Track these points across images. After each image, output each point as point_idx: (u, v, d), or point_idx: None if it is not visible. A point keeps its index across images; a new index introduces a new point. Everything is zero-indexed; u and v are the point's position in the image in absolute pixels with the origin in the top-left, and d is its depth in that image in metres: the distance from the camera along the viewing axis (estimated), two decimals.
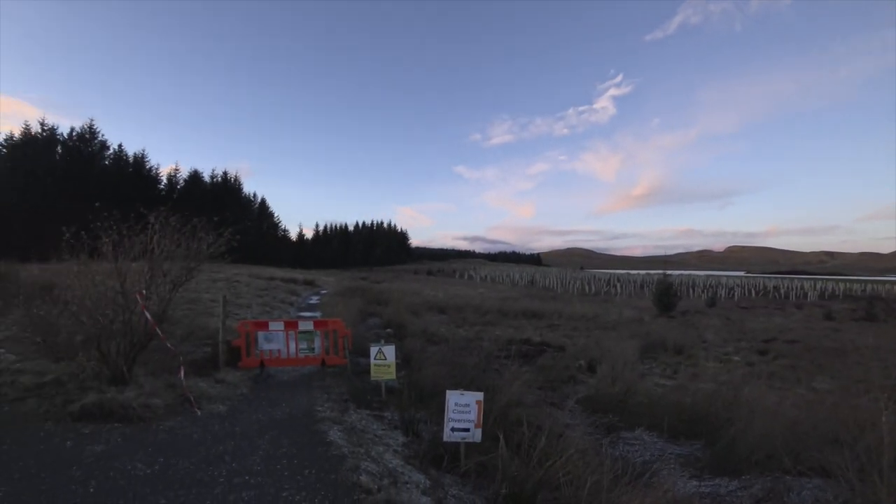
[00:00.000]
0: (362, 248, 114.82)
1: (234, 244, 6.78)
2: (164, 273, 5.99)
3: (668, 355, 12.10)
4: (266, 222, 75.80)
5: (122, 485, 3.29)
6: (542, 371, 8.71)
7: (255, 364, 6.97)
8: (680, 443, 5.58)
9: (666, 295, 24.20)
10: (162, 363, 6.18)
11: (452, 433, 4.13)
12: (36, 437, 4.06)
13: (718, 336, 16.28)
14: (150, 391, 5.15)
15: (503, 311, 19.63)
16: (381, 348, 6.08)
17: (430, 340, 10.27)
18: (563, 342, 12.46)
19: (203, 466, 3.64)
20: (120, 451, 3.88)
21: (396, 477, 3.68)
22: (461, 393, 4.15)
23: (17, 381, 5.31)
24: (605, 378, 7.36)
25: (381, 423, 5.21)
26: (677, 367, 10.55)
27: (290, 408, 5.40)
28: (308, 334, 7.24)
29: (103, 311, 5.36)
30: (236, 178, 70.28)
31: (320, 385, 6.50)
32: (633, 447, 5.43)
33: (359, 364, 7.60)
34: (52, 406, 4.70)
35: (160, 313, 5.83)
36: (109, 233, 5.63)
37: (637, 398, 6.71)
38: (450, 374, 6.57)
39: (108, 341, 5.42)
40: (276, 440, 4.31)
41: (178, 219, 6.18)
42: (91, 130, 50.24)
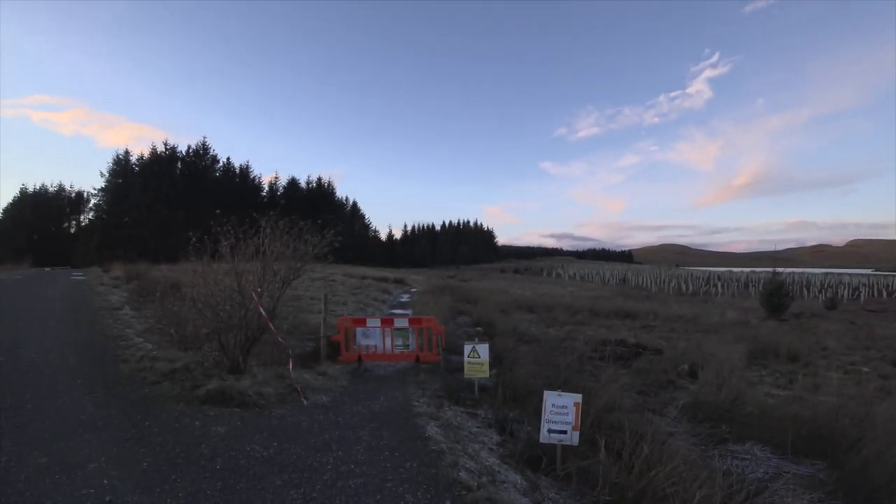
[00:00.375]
0: (449, 247, 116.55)
1: (336, 245, 7.19)
2: (274, 272, 6.50)
3: (781, 362, 11.01)
4: (357, 224, 79.42)
5: (243, 464, 3.61)
6: (639, 374, 8.32)
7: (353, 358, 7.33)
8: (798, 461, 5.07)
9: (776, 295, 21.98)
10: (271, 355, 6.71)
11: (549, 435, 4.08)
12: (171, 416, 4.57)
13: (841, 343, 14.54)
14: (262, 380, 5.60)
15: (594, 310, 18.98)
16: (475, 346, 6.14)
17: (521, 339, 10.19)
18: (659, 344, 11.80)
19: (312, 453, 3.90)
20: (240, 433, 4.26)
21: (494, 475, 3.70)
22: (559, 394, 4.09)
23: (154, 366, 6.01)
24: (709, 384, 6.87)
25: (475, 421, 5.26)
26: (792, 376, 9.58)
27: (387, 401, 5.62)
28: (403, 331, 7.49)
29: (223, 306, 5.92)
30: (329, 183, 74.83)
31: (415, 381, 6.69)
32: (744, 462, 5.02)
33: (450, 361, 7.73)
34: (183, 390, 5.27)
35: (271, 310, 6.32)
36: (227, 236, 6.23)
37: (746, 408, 6.19)
38: (542, 373, 6.49)
39: (226, 334, 5.98)
40: (377, 432, 4.50)
41: (286, 223, 6.68)
42: (204, 147, 56.46)
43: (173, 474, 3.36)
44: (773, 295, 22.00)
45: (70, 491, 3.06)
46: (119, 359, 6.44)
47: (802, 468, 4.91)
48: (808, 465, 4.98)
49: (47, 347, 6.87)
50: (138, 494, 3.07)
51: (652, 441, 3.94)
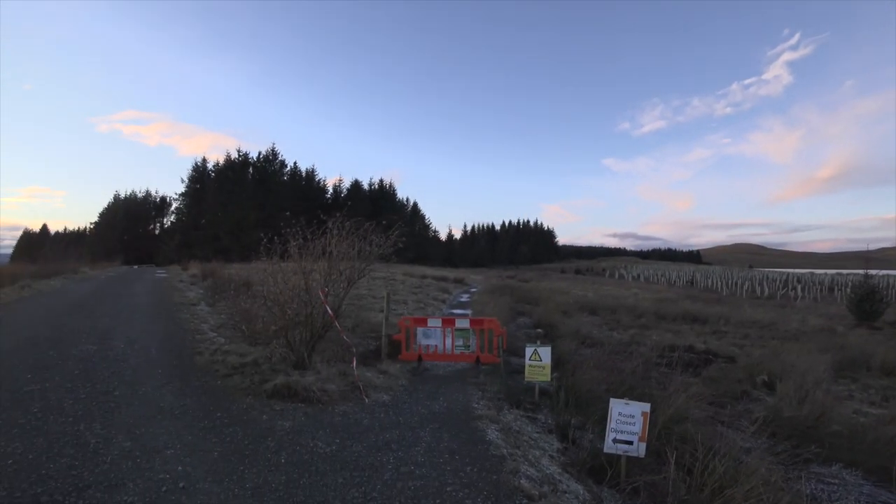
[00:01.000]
0: (509, 246, 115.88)
1: (400, 245, 7.28)
2: (340, 272, 6.66)
3: (874, 377, 10.00)
4: (418, 224, 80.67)
5: (306, 459, 3.70)
6: (710, 384, 7.83)
7: (413, 357, 7.38)
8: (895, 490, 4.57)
9: (868, 300, 19.95)
10: (334, 353, 6.88)
11: (614, 445, 3.89)
12: (240, 408, 4.78)
13: None
14: (325, 377, 5.74)
15: (660, 313, 18.13)
16: (537, 349, 6.00)
17: (583, 342, 9.89)
18: (732, 352, 11.08)
19: (373, 451, 3.94)
20: (303, 428, 4.38)
21: (556, 485, 3.58)
22: (626, 402, 3.89)
23: (226, 360, 6.34)
24: (789, 398, 6.35)
25: (535, 426, 5.13)
26: (887, 392, 8.67)
27: (447, 402, 5.60)
28: (464, 332, 7.46)
29: (290, 304, 6.14)
30: (391, 184, 76.85)
31: (475, 382, 6.64)
32: (830, 487, 4.57)
33: (510, 363, 7.62)
34: (252, 383, 5.50)
35: (336, 308, 6.48)
36: (296, 237, 6.45)
37: (832, 426, 5.65)
38: (606, 379, 6.25)
39: (293, 331, 6.19)
40: (437, 433, 4.48)
41: (352, 224, 6.84)
42: (273, 152, 59.60)
43: (241, 465, 3.50)
44: (865, 300, 20.05)
45: (149, 475, 3.25)
46: (194, 351, 6.85)
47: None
48: None
49: (133, 339, 7.42)
50: (209, 483, 3.21)
51: (726, 457, 3.67)
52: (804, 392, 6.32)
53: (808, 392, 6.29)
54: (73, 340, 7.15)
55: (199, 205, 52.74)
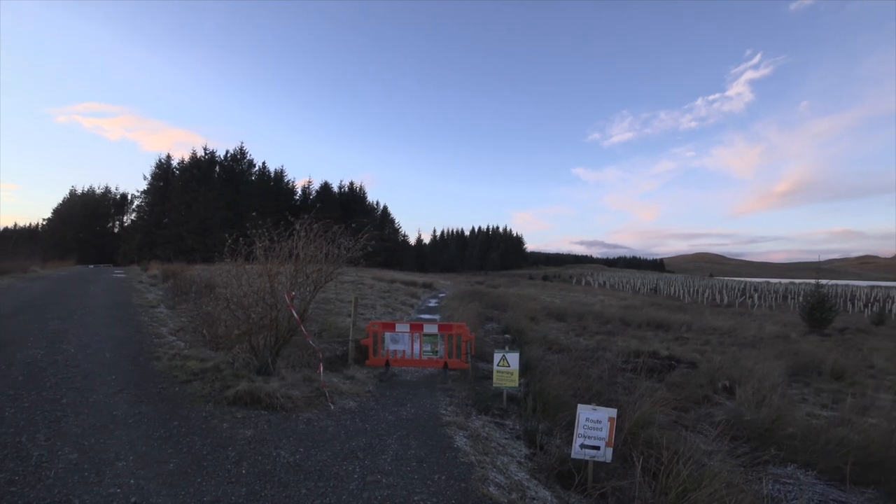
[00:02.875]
0: (478, 252, 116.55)
1: (369, 249, 7.18)
2: (306, 275, 6.51)
3: (825, 381, 10.45)
4: (388, 228, 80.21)
5: (268, 469, 3.57)
6: (673, 389, 8.01)
7: (381, 363, 7.28)
8: (846, 489, 4.75)
9: (818, 308, 20.94)
10: (299, 358, 6.72)
11: (581, 450, 3.91)
12: (199, 416, 4.57)
13: (891, 361, 13.74)
14: (290, 383, 5.59)
15: (625, 320, 18.52)
16: (505, 355, 6.00)
17: (551, 348, 9.98)
18: (694, 357, 11.38)
19: (338, 460, 3.83)
20: (266, 437, 4.23)
21: (524, 491, 3.56)
22: (593, 408, 3.92)
23: (185, 365, 6.09)
24: (748, 402, 6.56)
25: (503, 432, 5.12)
26: (837, 395, 9.06)
27: (415, 409, 5.53)
28: (433, 337, 7.41)
29: (254, 308, 5.96)
30: (361, 187, 76.22)
31: (443, 387, 6.59)
32: (787, 487, 4.73)
33: (479, 369, 7.60)
34: (212, 390, 5.29)
35: (302, 312, 6.33)
36: (262, 239, 6.28)
37: (788, 429, 5.87)
38: (573, 385, 6.31)
39: (257, 335, 6.01)
40: (405, 440, 4.41)
41: (320, 226, 6.70)
42: (241, 151, 58.23)
43: (199, 477, 3.34)
44: (816, 308, 21.02)
45: (98, 490, 3.06)
46: (152, 356, 6.56)
47: (852, 497, 4.61)
48: (857, 494, 4.68)
49: (85, 342, 7.06)
50: (163, 497, 3.05)
51: (690, 461, 3.73)
52: (762, 396, 6.54)
53: (766, 396, 6.51)
54: (19, 344, 6.74)
55: (162, 203, 50.95)
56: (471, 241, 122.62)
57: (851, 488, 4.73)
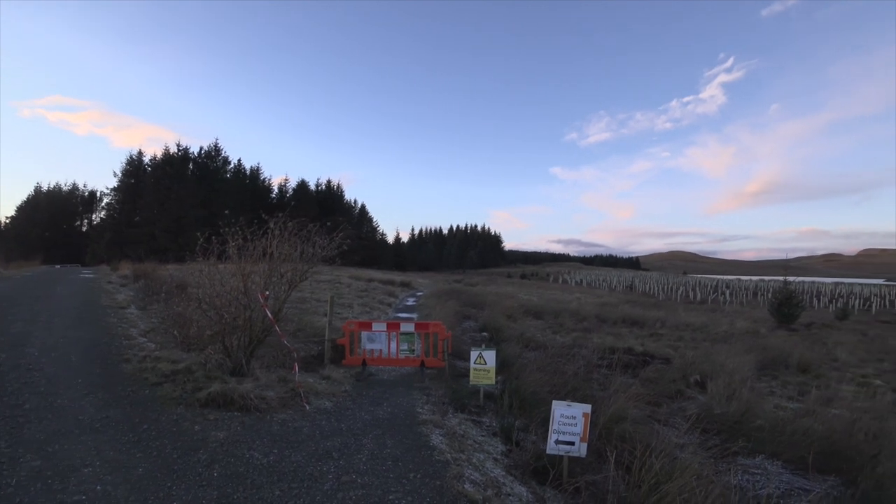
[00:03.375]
0: (456, 251, 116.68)
1: (344, 248, 7.12)
2: (281, 274, 6.42)
3: (791, 374, 10.79)
4: (365, 226, 79.70)
5: (241, 471, 3.51)
6: (647, 384, 8.16)
7: (357, 362, 7.23)
8: (811, 477, 4.92)
9: (786, 304, 21.59)
10: (274, 358, 6.63)
11: (556, 446, 3.95)
12: (170, 419, 4.47)
13: (853, 355, 14.24)
14: (265, 384, 5.50)
15: (601, 317, 18.78)
16: (482, 353, 6.02)
17: (528, 346, 10.06)
18: (667, 353, 11.61)
19: (313, 461, 3.80)
20: (239, 438, 4.16)
21: (500, 488, 3.59)
22: (568, 404, 3.96)
23: (156, 367, 5.94)
24: (719, 396, 6.73)
25: (479, 429, 5.14)
26: (803, 388, 9.36)
27: (391, 408, 5.51)
28: (409, 336, 7.39)
29: (227, 308, 5.85)
30: (339, 185, 75.55)
31: (420, 386, 6.59)
32: (755, 477, 4.87)
33: (456, 367, 7.62)
34: (184, 392, 5.17)
35: (276, 312, 6.24)
36: (235, 237, 6.16)
37: (757, 421, 6.04)
38: (549, 381, 6.37)
39: (230, 336, 5.91)
40: (381, 440, 4.40)
41: (295, 224, 6.61)
42: (216, 148, 57.01)
43: (169, 482, 3.26)
44: (784, 304, 21.65)
45: (62, 497, 2.96)
46: (121, 358, 6.38)
47: (816, 485, 4.76)
48: (821, 482, 4.83)
49: (50, 345, 6.83)
50: (132, 502, 2.97)
51: (662, 455, 3.81)
52: (732, 390, 6.71)
53: (736, 390, 6.68)
54: None
55: (133, 201, 49.51)
56: (449, 240, 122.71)
57: (815, 476, 4.90)
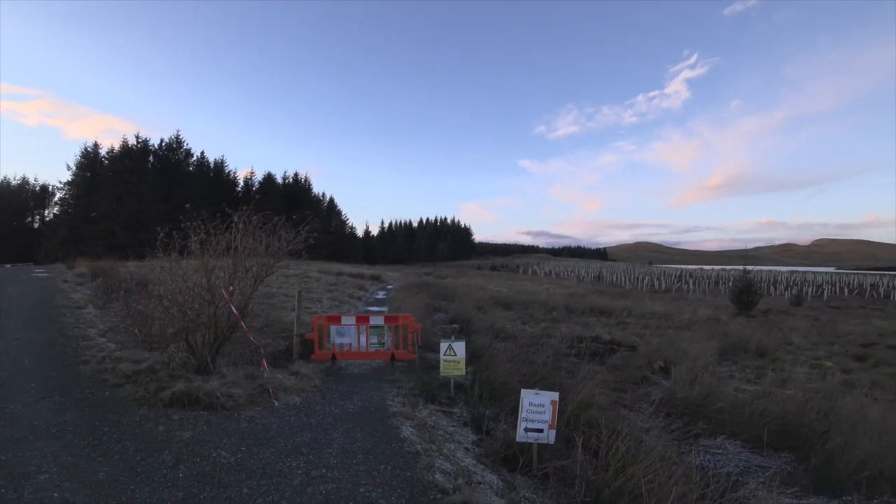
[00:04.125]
0: (427, 243, 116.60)
1: (311, 241, 7.01)
2: (246, 269, 6.29)
3: (750, 358, 11.27)
4: (334, 220, 78.64)
5: (208, 471, 3.44)
6: (614, 371, 8.36)
7: (327, 357, 7.17)
8: (767, 455, 5.16)
9: (746, 292, 22.48)
10: (241, 355, 6.50)
11: (526, 433, 4.02)
12: (133, 421, 4.35)
13: (806, 339, 14.95)
14: (231, 381, 5.40)
15: (570, 307, 19.12)
16: (451, 344, 6.05)
17: (497, 337, 10.15)
18: (634, 341, 11.93)
19: (282, 457, 3.75)
20: (206, 438, 4.08)
21: (470, 476, 3.62)
22: (536, 392, 4.03)
23: (117, 368, 5.75)
24: (682, 380, 6.95)
25: (450, 420, 5.18)
26: (760, 371, 9.79)
27: (362, 401, 5.49)
28: (379, 329, 7.36)
29: (191, 304, 5.70)
30: (306, 178, 74.08)
31: (390, 379, 6.58)
32: (716, 457, 5.08)
33: (426, 359, 7.64)
34: (147, 392, 5.03)
35: (242, 307, 6.12)
36: (197, 232, 5.99)
37: (717, 403, 6.28)
38: (519, 371, 6.45)
39: (194, 333, 5.76)
40: (351, 434, 4.38)
41: (260, 218, 6.47)
42: (178, 140, 54.91)
43: (132, 484, 3.17)
44: (743, 292, 22.50)
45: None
46: (79, 360, 6.15)
47: (771, 461, 5.00)
48: (777, 459, 5.08)
49: (1, 348, 6.53)
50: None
51: (628, 438, 3.92)
52: (694, 375, 6.94)
53: (698, 375, 6.92)
54: None
55: (89, 195, 47.29)
56: (419, 233, 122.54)
57: (771, 454, 5.14)
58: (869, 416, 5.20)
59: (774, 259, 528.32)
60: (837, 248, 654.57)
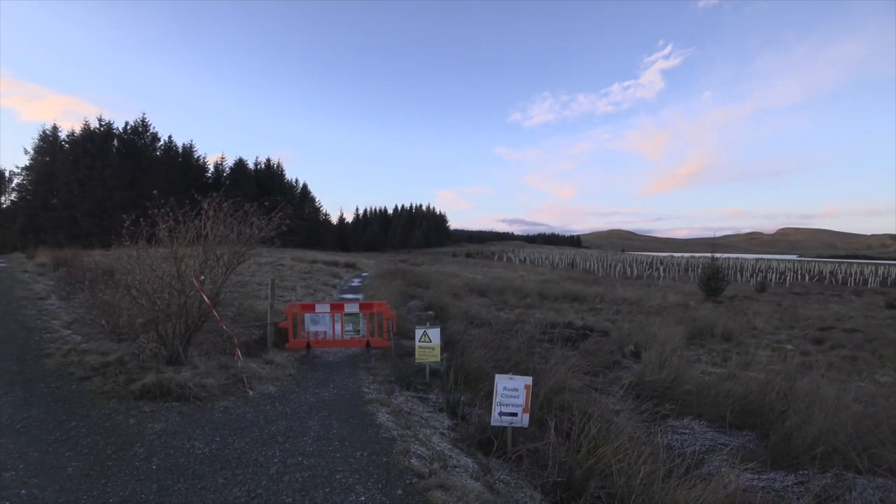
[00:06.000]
0: (401, 231, 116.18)
1: (284, 228, 6.92)
2: (217, 257, 6.17)
3: (716, 342, 11.68)
4: (308, 207, 77.44)
5: (181, 462, 3.41)
6: (586, 356, 8.55)
7: (301, 345, 7.13)
8: (731, 433, 5.39)
9: (713, 279, 23.24)
10: (214, 344, 6.41)
11: (500, 417, 4.10)
12: (102, 414, 4.26)
13: (769, 323, 15.56)
14: (204, 371, 5.33)
15: (544, 293, 19.38)
16: (427, 331, 6.09)
17: (472, 323, 10.25)
18: (606, 326, 12.20)
19: (257, 446, 3.75)
20: (178, 429, 4.03)
21: (446, 461, 3.68)
22: (510, 377, 4.10)
23: (83, 360, 5.60)
24: (652, 364, 7.16)
25: (426, 406, 5.23)
26: (726, 354, 10.17)
27: (337, 389, 5.50)
28: (354, 316, 7.35)
29: (161, 294, 5.58)
30: (279, 164, 72.35)
31: (366, 366, 6.59)
32: (683, 436, 5.27)
33: (402, 346, 7.66)
34: (116, 385, 4.92)
35: (214, 296, 6.01)
36: (166, 219, 5.84)
37: (685, 385, 6.51)
38: (493, 357, 6.54)
39: (165, 323, 5.64)
40: (327, 421, 4.39)
41: (231, 205, 6.34)
42: (143, 124, 52.63)
43: (103, 479, 3.12)
44: (711, 279, 23.23)
45: None
46: (43, 353, 5.96)
47: (735, 440, 5.20)
48: (740, 437, 5.29)
49: None
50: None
51: (599, 420, 4.03)
52: (663, 359, 7.15)
53: (667, 358, 7.13)
54: None
55: (49, 181, 45.21)
56: (394, 220, 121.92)
57: (734, 432, 5.36)
58: (824, 395, 5.45)
59: (741, 247, 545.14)
60: (800, 237, 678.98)
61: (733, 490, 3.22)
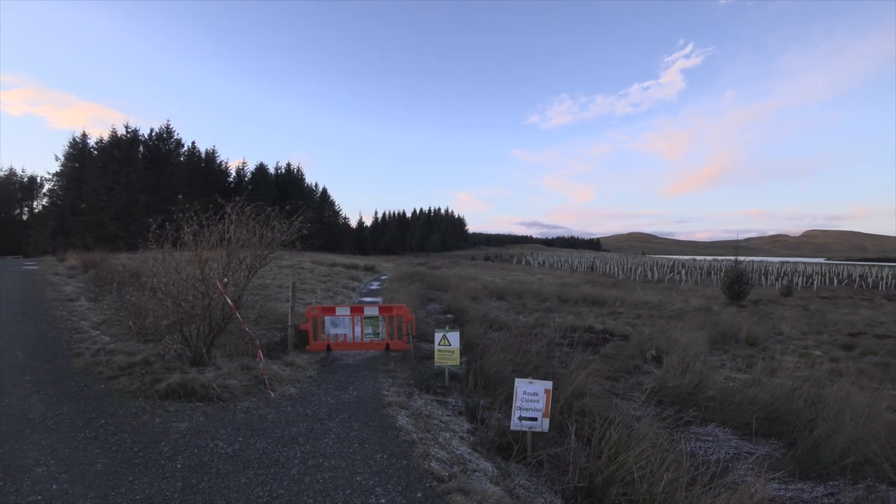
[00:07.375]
0: (420, 234, 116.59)
1: (304, 232, 7.00)
2: (240, 260, 6.27)
3: (740, 347, 11.43)
4: (327, 210, 78.28)
5: (205, 461, 3.47)
6: (607, 360, 8.46)
7: (321, 348, 7.20)
8: (756, 441, 5.27)
9: (737, 283, 22.76)
10: (236, 346, 6.51)
11: (520, 422, 4.08)
12: (129, 413, 4.36)
13: (796, 328, 15.15)
14: (227, 372, 5.41)
15: (563, 297, 19.24)
16: (446, 334, 6.10)
17: (491, 326, 10.22)
18: (626, 331, 12.06)
19: (279, 447, 3.79)
20: (202, 429, 4.10)
21: (465, 465, 3.68)
22: (530, 381, 4.08)
23: (111, 360, 5.75)
24: (674, 369, 7.05)
25: (445, 409, 5.23)
26: (750, 360, 9.94)
27: (357, 391, 5.53)
28: (373, 319, 7.40)
29: (185, 296, 5.69)
30: (299, 168, 73.62)
31: (385, 369, 6.62)
32: (707, 444, 5.17)
33: (420, 349, 7.68)
34: (142, 384, 5.04)
35: (236, 299, 6.11)
36: (190, 223, 5.96)
37: (708, 392, 6.39)
38: (512, 360, 6.51)
39: (189, 325, 5.75)
40: (347, 423, 4.42)
41: (253, 209, 6.44)
42: (168, 130, 54.14)
43: (130, 476, 3.19)
44: (734, 283, 22.76)
45: (15, 499, 2.85)
46: (72, 353, 6.13)
47: (760, 448, 5.08)
48: (766, 445, 5.17)
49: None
50: (91, 499, 2.89)
51: (620, 426, 3.98)
52: (686, 364, 7.03)
53: (689, 364, 7.01)
54: None
55: (78, 187, 46.61)
56: (412, 223, 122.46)
57: (759, 440, 5.24)
58: (855, 403, 5.29)
59: (766, 250, 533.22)
60: (827, 240, 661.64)
61: (759, 500, 3.14)
